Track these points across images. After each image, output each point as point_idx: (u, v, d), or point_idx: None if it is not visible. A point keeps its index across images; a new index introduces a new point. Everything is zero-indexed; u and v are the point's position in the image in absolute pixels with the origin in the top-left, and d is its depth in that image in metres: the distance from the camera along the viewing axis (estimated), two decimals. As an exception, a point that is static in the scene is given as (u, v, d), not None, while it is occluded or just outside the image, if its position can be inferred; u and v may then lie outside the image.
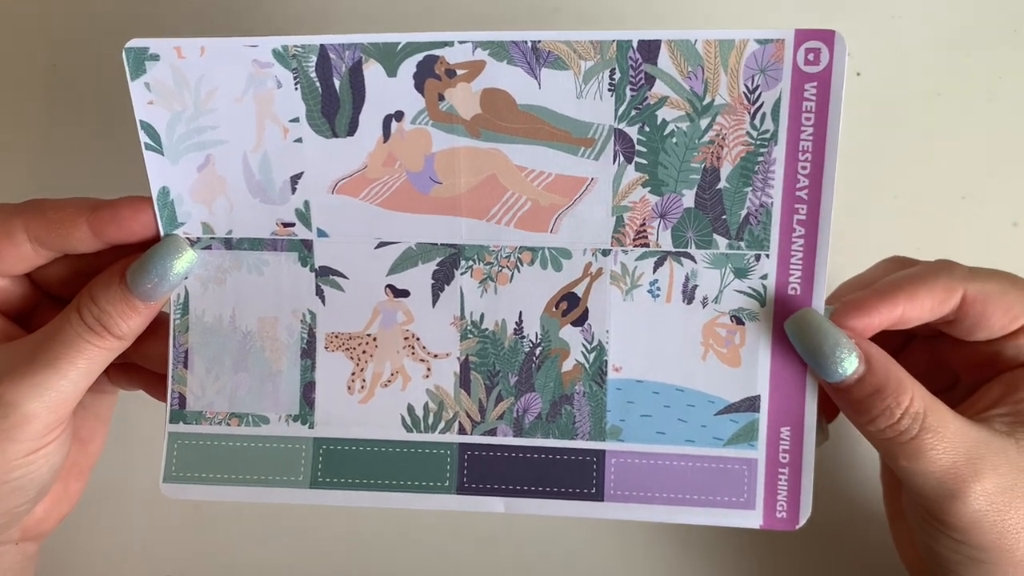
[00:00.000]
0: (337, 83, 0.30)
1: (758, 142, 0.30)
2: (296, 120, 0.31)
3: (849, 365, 0.29)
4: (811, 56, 0.29)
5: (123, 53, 0.30)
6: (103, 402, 0.37)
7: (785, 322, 0.30)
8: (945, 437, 0.28)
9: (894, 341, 0.33)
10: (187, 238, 0.32)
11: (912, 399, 0.29)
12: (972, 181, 0.41)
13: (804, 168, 0.29)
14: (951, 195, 0.41)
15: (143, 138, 0.31)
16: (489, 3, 0.42)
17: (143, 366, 0.34)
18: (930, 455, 0.28)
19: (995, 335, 0.30)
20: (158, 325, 0.32)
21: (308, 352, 0.32)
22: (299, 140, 0.31)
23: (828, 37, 0.28)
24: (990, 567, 0.29)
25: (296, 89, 0.30)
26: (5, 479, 0.30)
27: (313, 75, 0.30)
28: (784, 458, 0.31)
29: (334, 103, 0.31)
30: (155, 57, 0.30)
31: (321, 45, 0.30)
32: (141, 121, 0.31)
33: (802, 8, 0.42)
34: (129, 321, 0.31)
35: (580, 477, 0.32)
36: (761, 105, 0.29)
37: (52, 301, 0.34)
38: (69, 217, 0.30)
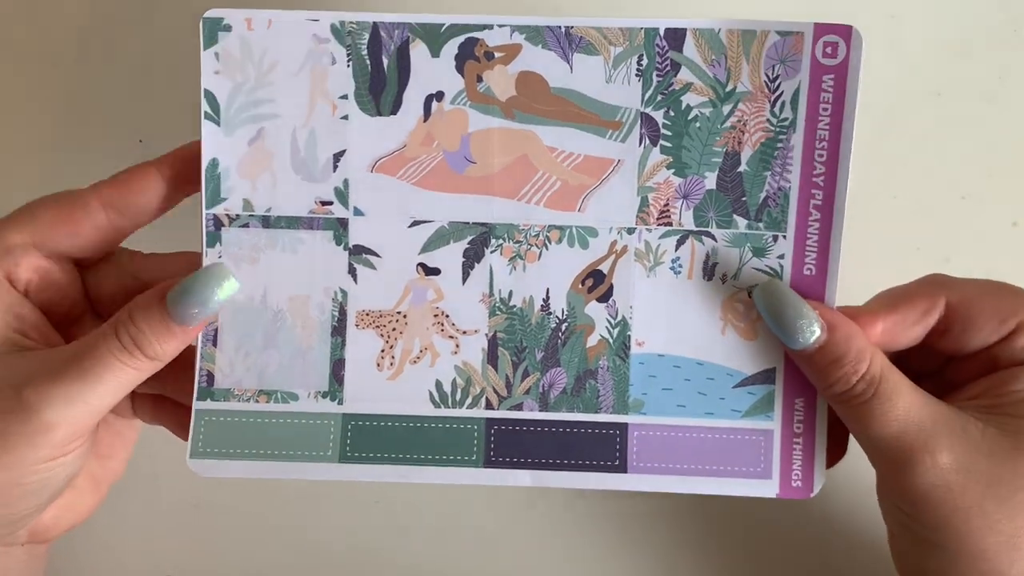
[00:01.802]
0: (385, 62, 0.32)
1: (777, 129, 0.31)
2: (345, 97, 0.32)
3: (811, 334, 0.30)
4: (829, 49, 0.31)
5: (200, 22, 0.31)
6: (128, 425, 0.36)
7: (753, 291, 0.32)
8: (897, 406, 0.29)
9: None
10: (226, 215, 0.32)
11: (870, 366, 0.29)
12: (972, 181, 0.41)
13: (821, 156, 0.31)
14: (951, 195, 0.41)
15: (204, 106, 0.32)
16: (489, 2, 0.42)
17: (172, 398, 0.34)
18: (880, 421, 0.29)
19: (989, 339, 0.31)
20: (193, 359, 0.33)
21: (339, 330, 0.33)
22: (345, 117, 0.32)
23: (846, 32, 0.30)
24: (947, 556, 0.29)
25: (348, 66, 0.32)
26: (20, 482, 0.30)
27: (365, 52, 0.32)
28: (798, 428, 0.32)
29: (381, 81, 0.32)
30: (228, 28, 0.31)
31: (374, 23, 0.31)
32: (205, 90, 0.32)
33: (801, 8, 0.41)
34: (165, 344, 0.30)
35: (604, 449, 0.33)
36: (781, 94, 0.31)
37: (96, 318, 0.34)
38: (139, 170, 0.32)
